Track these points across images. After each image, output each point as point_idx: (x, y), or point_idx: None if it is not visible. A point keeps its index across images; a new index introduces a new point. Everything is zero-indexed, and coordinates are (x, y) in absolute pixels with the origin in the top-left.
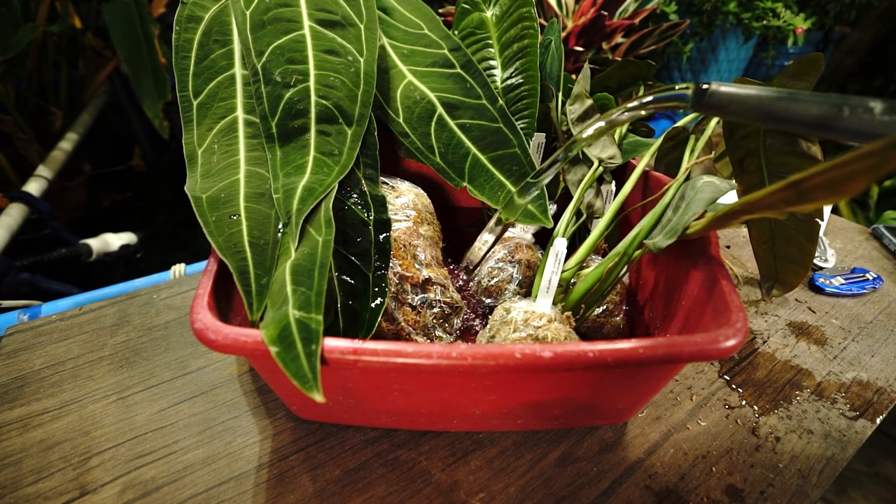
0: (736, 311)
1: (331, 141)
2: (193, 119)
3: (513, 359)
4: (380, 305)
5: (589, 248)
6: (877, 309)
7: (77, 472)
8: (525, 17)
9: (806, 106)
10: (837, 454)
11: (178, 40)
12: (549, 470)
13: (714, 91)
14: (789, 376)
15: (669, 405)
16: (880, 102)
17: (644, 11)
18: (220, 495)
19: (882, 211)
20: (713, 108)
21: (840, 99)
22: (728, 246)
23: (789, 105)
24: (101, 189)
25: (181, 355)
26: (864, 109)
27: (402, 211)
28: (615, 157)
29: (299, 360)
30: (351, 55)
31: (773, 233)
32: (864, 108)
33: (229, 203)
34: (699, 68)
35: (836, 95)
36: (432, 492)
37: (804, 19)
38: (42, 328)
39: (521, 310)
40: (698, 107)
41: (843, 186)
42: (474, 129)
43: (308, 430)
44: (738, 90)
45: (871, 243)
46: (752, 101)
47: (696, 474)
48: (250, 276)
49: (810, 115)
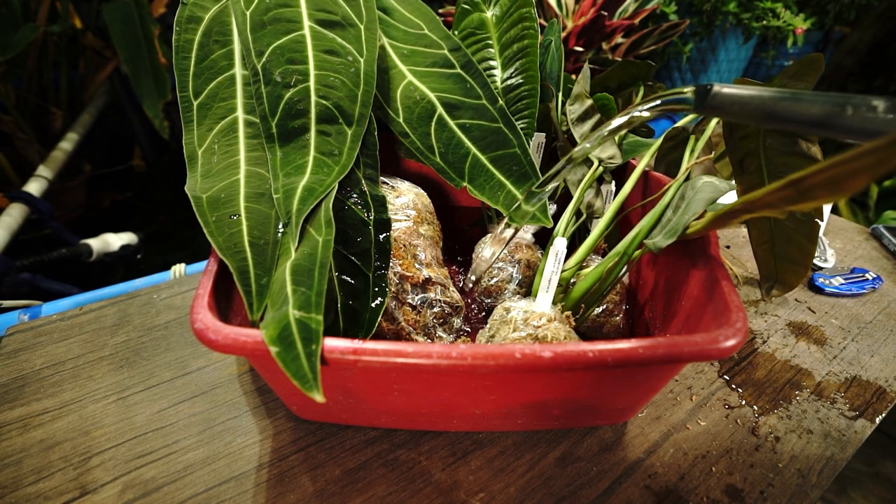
0: (736, 311)
1: (331, 141)
2: (194, 119)
3: (513, 359)
4: (380, 305)
5: (589, 247)
6: (876, 309)
7: (77, 471)
8: (525, 17)
9: (808, 105)
10: (837, 454)
11: (179, 41)
12: (549, 470)
13: (717, 92)
14: (789, 376)
15: (669, 405)
16: (883, 101)
17: (644, 11)
18: (220, 495)
19: (882, 211)
20: (716, 109)
21: (842, 98)
22: (728, 246)
23: (791, 105)
24: (101, 189)
25: (181, 355)
26: (866, 108)
27: (403, 211)
28: (615, 157)
29: (299, 360)
30: (351, 55)
31: (773, 233)
32: (866, 107)
33: (229, 203)
34: (699, 68)
35: (837, 94)
36: (432, 492)
37: (804, 19)
38: (42, 328)
39: (520, 309)
40: (701, 108)
41: (844, 184)
42: (474, 129)
43: (308, 430)
44: (740, 91)
45: (871, 243)
46: (754, 101)
47: (696, 474)
48: (250, 276)
49: (812, 114)
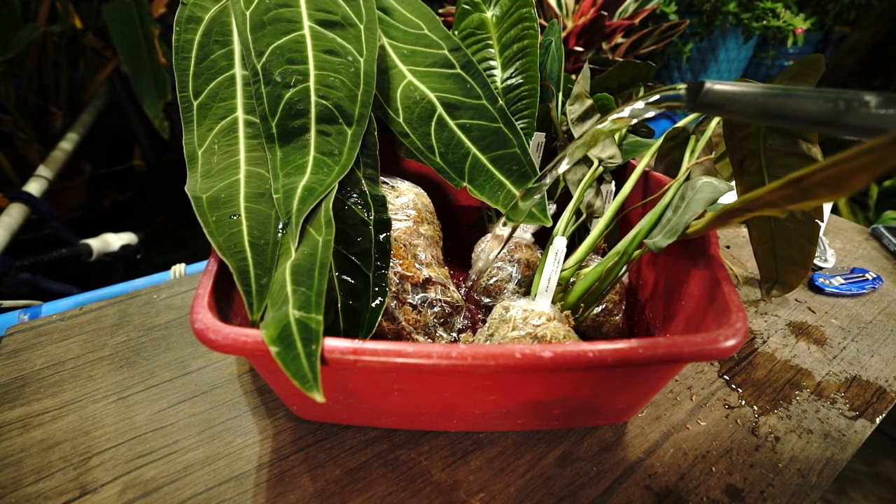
0: (736, 311)
1: (331, 141)
2: (193, 119)
3: (513, 359)
4: (380, 305)
5: (588, 247)
6: (876, 309)
7: (77, 471)
8: (525, 17)
9: (800, 101)
10: (837, 454)
11: (178, 41)
12: (549, 470)
13: (709, 89)
14: (789, 376)
15: (669, 405)
16: (875, 96)
17: (644, 11)
18: (221, 495)
19: (882, 211)
20: (710, 106)
21: (835, 94)
22: (728, 246)
23: (784, 101)
24: (101, 189)
25: (181, 355)
26: (860, 103)
27: (403, 210)
28: (615, 157)
29: (299, 360)
30: (351, 55)
31: (774, 233)
32: (860, 103)
33: (229, 203)
34: (699, 68)
35: (831, 91)
36: (432, 492)
37: (804, 19)
38: (42, 328)
39: (519, 308)
40: (694, 105)
41: (845, 182)
42: (474, 129)
43: (308, 430)
44: (732, 88)
45: (871, 243)
46: (746, 98)
47: (696, 474)
48: (250, 276)
49: (805, 110)
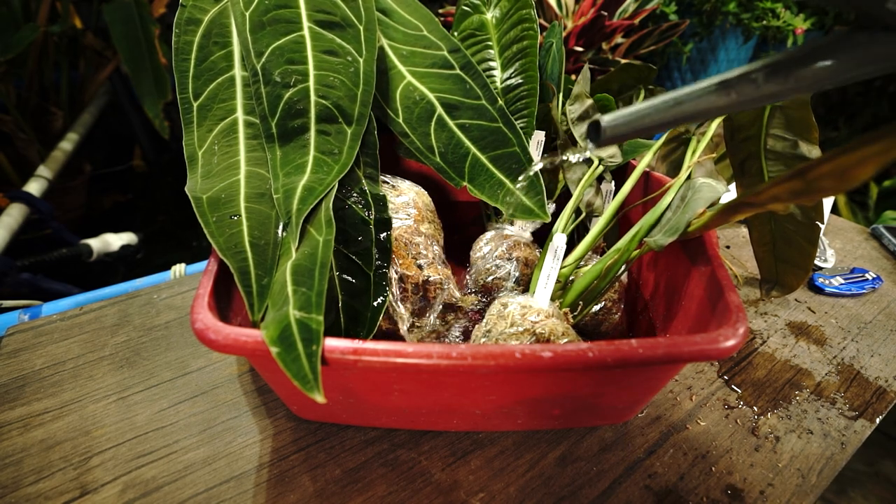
0: (736, 311)
1: (330, 140)
2: (194, 120)
3: (513, 359)
4: (381, 304)
5: (588, 245)
6: (876, 309)
7: (78, 471)
8: (525, 18)
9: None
10: (837, 454)
11: (178, 42)
12: (548, 470)
13: (606, 126)
14: (789, 376)
15: (669, 405)
16: (761, 70)
17: (644, 12)
18: (221, 495)
19: (881, 211)
20: (616, 138)
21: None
22: (728, 246)
23: (681, 108)
24: (101, 189)
25: (181, 355)
26: (748, 83)
27: (403, 209)
28: (615, 156)
29: (300, 360)
30: (350, 55)
31: (774, 235)
32: (748, 81)
33: (230, 203)
34: (699, 68)
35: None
36: (432, 491)
37: (804, 19)
38: (42, 328)
39: (517, 304)
40: (601, 143)
41: (851, 174)
42: (474, 128)
43: (308, 430)
44: (627, 116)
45: (871, 243)
46: (644, 120)
47: (696, 474)
48: (251, 276)
49: (704, 109)
